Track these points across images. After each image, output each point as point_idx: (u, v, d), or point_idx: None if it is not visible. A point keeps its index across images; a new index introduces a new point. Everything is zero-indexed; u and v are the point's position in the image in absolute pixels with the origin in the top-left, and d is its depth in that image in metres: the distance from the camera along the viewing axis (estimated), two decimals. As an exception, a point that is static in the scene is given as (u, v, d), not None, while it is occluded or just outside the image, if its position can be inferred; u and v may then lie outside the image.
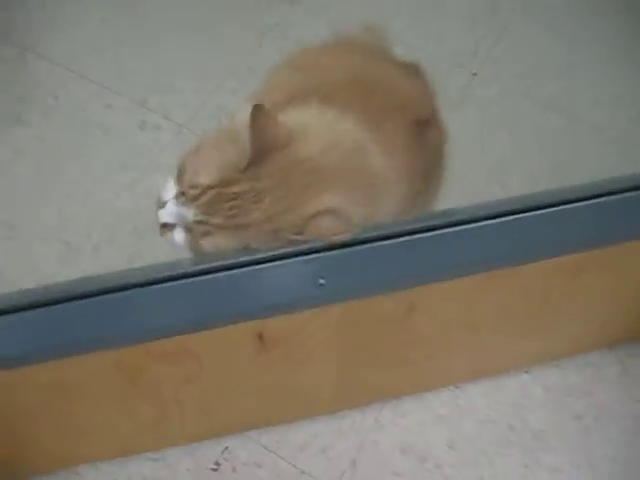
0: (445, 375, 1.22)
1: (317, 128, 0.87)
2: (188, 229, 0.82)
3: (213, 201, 0.80)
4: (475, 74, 1.63)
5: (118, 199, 1.44)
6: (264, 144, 0.80)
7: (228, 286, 0.80)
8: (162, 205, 0.83)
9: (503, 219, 0.87)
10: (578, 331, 1.20)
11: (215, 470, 1.19)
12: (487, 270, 0.90)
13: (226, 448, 1.21)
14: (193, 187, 0.81)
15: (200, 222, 0.81)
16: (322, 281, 0.79)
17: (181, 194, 0.82)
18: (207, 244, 0.82)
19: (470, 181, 1.32)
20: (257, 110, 0.79)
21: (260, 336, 0.86)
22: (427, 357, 1.10)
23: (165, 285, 0.80)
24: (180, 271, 0.80)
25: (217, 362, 0.92)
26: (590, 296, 1.09)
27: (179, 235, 0.83)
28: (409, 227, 0.84)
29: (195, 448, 1.22)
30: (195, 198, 0.80)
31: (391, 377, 1.15)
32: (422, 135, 0.97)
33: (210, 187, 0.80)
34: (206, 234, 0.81)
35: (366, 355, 1.02)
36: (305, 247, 0.80)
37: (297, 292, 0.80)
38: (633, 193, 0.89)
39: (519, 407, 1.24)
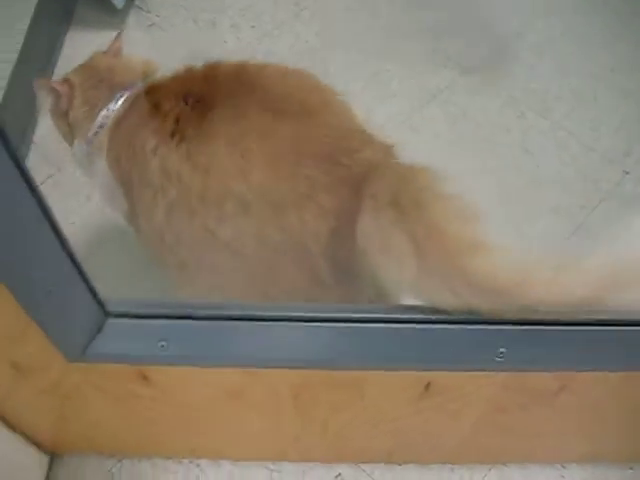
0: (558, 452, 1.27)
1: None
2: None
3: None
4: (627, 173, 1.69)
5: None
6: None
7: (417, 337, 0.88)
8: None
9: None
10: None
11: (322, 492, 1.28)
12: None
13: (339, 474, 1.29)
14: None
15: None
16: (502, 350, 0.87)
17: None
18: None
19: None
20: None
21: (428, 385, 0.94)
22: (551, 433, 1.16)
23: (356, 325, 0.90)
24: (377, 315, 0.89)
25: (378, 398, 1.00)
26: None
27: None
28: (582, 318, 0.90)
29: (310, 467, 1.30)
30: None
31: (510, 444, 1.21)
32: None
33: None
34: None
35: (504, 420, 1.08)
36: (493, 317, 0.88)
37: (478, 356, 0.88)
38: None
39: (618, 500, 1.28)
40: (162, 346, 0.87)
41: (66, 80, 1.23)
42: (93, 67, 1.25)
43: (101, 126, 1.19)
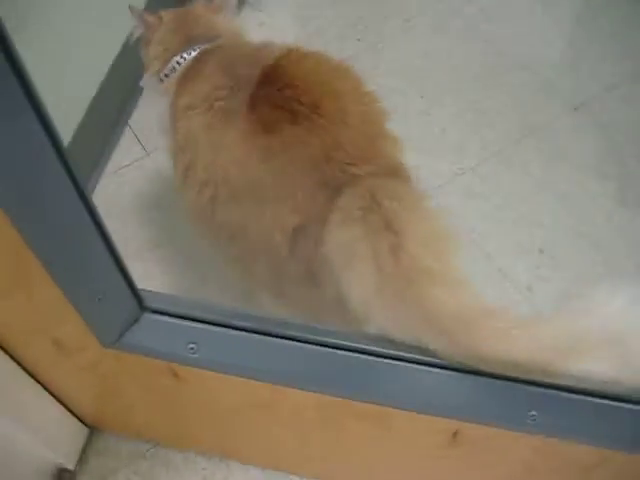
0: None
1: None
2: None
3: None
4: None
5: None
6: None
7: (447, 384, 0.85)
8: None
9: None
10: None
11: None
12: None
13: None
14: None
15: None
16: (533, 413, 0.83)
17: None
18: None
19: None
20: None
21: (455, 434, 0.91)
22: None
23: (386, 361, 0.87)
24: (408, 355, 0.86)
25: (403, 438, 0.98)
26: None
27: None
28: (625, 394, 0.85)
29: (331, 486, 1.29)
30: None
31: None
32: None
33: None
34: None
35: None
36: (527, 379, 0.84)
37: (507, 414, 0.84)
38: None
39: None
40: (191, 348, 0.88)
41: (158, 15, 1.31)
42: (187, 13, 1.31)
43: (172, 70, 1.25)
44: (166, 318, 0.90)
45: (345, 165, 0.98)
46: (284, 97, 1.02)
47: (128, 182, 1.69)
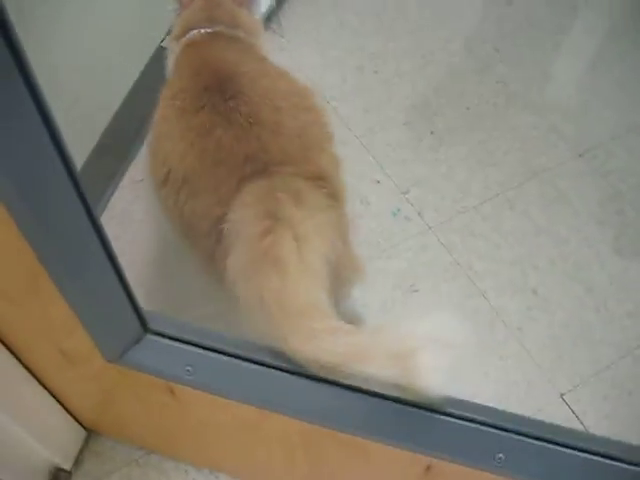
0: None
1: None
2: None
3: None
4: None
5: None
6: None
7: (419, 421, 0.91)
8: None
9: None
10: None
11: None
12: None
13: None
14: None
15: None
16: (500, 455, 0.89)
17: None
18: None
19: None
20: None
21: (428, 468, 0.97)
22: None
23: (365, 396, 0.92)
24: (384, 392, 0.92)
25: (381, 467, 1.04)
26: None
27: None
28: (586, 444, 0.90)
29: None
30: None
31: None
32: None
33: None
34: None
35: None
36: (493, 421, 0.90)
37: (475, 455, 0.90)
38: None
39: None
40: (188, 370, 0.94)
41: None
42: None
43: (188, 39, 1.38)
44: (167, 341, 0.96)
45: (268, 164, 1.10)
46: (227, 106, 1.15)
47: (142, 196, 1.75)
